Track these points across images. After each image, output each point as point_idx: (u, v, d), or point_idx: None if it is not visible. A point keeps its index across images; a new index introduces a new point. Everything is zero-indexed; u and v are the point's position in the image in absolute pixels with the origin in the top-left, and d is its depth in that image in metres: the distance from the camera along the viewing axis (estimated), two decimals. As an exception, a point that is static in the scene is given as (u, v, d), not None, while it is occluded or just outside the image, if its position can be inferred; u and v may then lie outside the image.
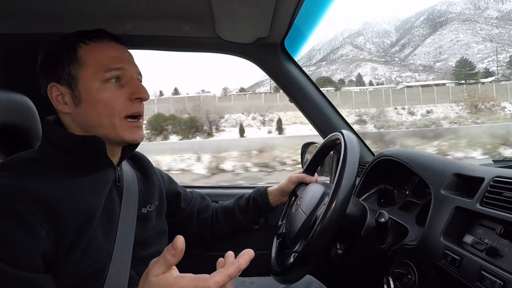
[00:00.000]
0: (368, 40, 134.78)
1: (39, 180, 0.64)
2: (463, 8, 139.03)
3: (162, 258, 0.52)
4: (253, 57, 1.32)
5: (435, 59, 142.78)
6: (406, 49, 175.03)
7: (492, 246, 0.65)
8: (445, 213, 0.77)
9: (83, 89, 0.71)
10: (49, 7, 0.99)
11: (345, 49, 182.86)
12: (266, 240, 1.14)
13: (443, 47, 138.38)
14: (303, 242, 0.81)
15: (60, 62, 0.72)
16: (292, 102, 1.38)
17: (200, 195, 1.16)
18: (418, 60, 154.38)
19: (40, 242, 0.60)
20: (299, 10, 1.00)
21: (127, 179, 0.84)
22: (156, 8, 1.04)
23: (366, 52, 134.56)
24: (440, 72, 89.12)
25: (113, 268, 0.70)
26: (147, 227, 0.84)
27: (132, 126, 0.75)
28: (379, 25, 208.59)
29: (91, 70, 0.71)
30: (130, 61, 0.78)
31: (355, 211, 0.86)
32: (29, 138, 0.95)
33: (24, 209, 0.59)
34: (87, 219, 0.67)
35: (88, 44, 0.73)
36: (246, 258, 0.54)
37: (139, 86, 0.75)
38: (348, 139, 0.82)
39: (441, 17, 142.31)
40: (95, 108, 0.72)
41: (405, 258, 0.83)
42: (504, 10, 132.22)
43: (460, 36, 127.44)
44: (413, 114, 29.14)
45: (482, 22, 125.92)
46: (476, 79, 77.79)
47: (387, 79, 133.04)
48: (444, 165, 0.89)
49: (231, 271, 0.51)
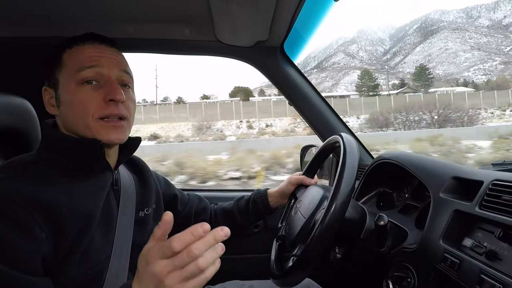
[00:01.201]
0: (361, 48, 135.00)
1: (38, 183, 0.64)
2: (455, 17, 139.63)
3: (152, 232, 0.53)
4: (252, 60, 1.32)
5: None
6: (397, 57, 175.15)
7: (492, 250, 0.65)
8: (444, 216, 0.77)
9: (62, 91, 0.73)
10: (49, 10, 1.00)
11: (337, 57, 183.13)
12: (265, 243, 1.14)
13: (432, 55, 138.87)
14: (302, 246, 0.81)
15: (50, 67, 0.75)
16: (292, 105, 1.38)
17: (198, 197, 1.16)
18: (407, 68, 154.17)
19: (40, 245, 0.60)
20: (299, 14, 1.00)
21: (125, 183, 0.84)
22: (156, 12, 1.05)
23: (357, 60, 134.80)
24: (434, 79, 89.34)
25: (111, 271, 0.70)
26: (145, 230, 0.84)
27: (106, 126, 0.73)
28: (374, 33, 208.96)
29: (68, 71, 0.72)
30: (109, 60, 0.75)
31: (354, 214, 0.86)
32: (29, 141, 0.95)
33: (24, 212, 0.59)
34: (86, 222, 0.67)
35: (72, 47, 0.74)
36: (217, 228, 0.52)
37: (114, 87, 0.73)
38: (347, 142, 0.82)
39: (433, 26, 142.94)
40: (71, 109, 0.72)
41: (404, 262, 0.83)
42: (495, 19, 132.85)
43: (449, 44, 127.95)
44: (251, 127, 29.69)
45: (472, 30, 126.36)
46: (376, 91, 77.07)
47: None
48: (443, 168, 0.89)
49: (192, 228, 0.49)
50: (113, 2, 0.98)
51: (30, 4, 0.95)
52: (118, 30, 1.13)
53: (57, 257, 0.62)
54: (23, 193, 0.61)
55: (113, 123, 0.73)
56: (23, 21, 1.05)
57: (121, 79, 0.76)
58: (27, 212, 0.59)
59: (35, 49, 0.82)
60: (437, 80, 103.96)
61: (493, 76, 76.12)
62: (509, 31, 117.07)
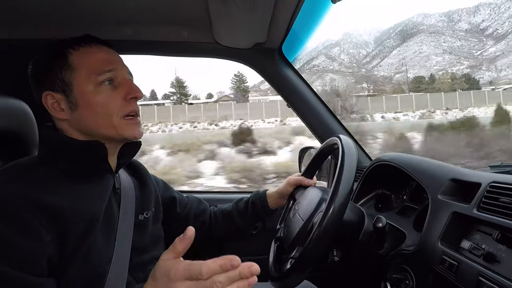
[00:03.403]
0: (343, 51, 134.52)
1: (41, 186, 0.65)
2: (437, 20, 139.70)
3: (172, 244, 0.54)
4: (250, 62, 1.32)
5: (396, 71, 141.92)
6: (375, 60, 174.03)
7: (489, 252, 0.66)
8: (442, 218, 0.78)
9: (78, 94, 0.72)
10: (47, 12, 1.00)
11: (318, 60, 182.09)
12: (264, 245, 1.14)
13: (406, 59, 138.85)
14: (300, 248, 0.81)
15: (52, 70, 0.73)
16: (290, 107, 1.38)
17: (197, 199, 1.16)
18: (382, 71, 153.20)
19: (46, 246, 0.61)
20: (297, 16, 1.00)
21: (125, 186, 0.84)
22: (154, 14, 1.05)
23: (337, 63, 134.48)
24: (397, 83, 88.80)
25: (112, 274, 0.70)
26: (144, 233, 0.85)
27: (130, 123, 0.76)
28: (360, 36, 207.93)
29: (84, 74, 0.72)
30: (120, 62, 0.79)
31: (352, 216, 0.86)
32: (26, 143, 0.94)
33: (29, 215, 0.60)
34: (89, 225, 0.67)
35: (77, 49, 0.74)
36: (245, 265, 0.53)
37: (133, 85, 0.77)
38: (345, 144, 0.82)
39: (413, 29, 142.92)
40: (92, 111, 0.73)
41: (402, 264, 0.83)
42: (474, 23, 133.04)
43: (424, 47, 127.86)
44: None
45: (448, 34, 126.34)
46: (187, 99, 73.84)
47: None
48: (441, 170, 0.89)
49: (223, 262, 0.51)
50: (110, 4, 0.98)
51: (27, 6, 0.95)
52: (116, 32, 1.13)
53: (61, 260, 0.63)
54: (27, 196, 0.61)
55: (135, 120, 0.78)
56: (20, 23, 1.05)
57: (129, 77, 0.80)
58: (32, 214, 0.60)
59: (32, 51, 0.82)
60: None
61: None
62: (484, 35, 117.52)
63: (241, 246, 1.29)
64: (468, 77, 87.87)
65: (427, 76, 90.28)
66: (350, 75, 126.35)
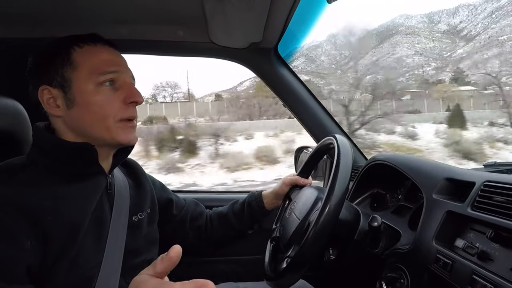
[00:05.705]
0: (325, 52, 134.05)
1: (26, 188, 0.63)
2: (418, 22, 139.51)
3: (154, 262, 0.51)
4: (246, 62, 1.32)
5: (368, 72, 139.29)
6: (351, 62, 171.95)
7: (483, 250, 0.66)
8: (436, 217, 0.78)
9: (76, 91, 0.71)
10: (42, 11, 0.99)
11: (298, 61, 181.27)
12: (259, 244, 1.14)
13: (379, 60, 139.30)
14: (296, 247, 0.81)
15: (53, 65, 0.71)
16: (286, 107, 1.38)
17: (194, 202, 1.14)
18: (356, 73, 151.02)
19: (25, 254, 0.59)
20: (293, 15, 1.00)
21: (119, 187, 0.82)
22: (150, 13, 1.04)
23: (314, 65, 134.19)
24: (368, 86, 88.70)
25: (102, 277, 0.69)
26: (138, 235, 0.83)
27: (126, 127, 0.74)
28: (345, 37, 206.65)
29: (85, 73, 0.71)
30: (124, 65, 0.78)
31: (348, 216, 0.87)
32: (20, 143, 0.93)
33: (9, 219, 0.58)
34: (74, 228, 0.66)
35: (82, 47, 0.73)
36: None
37: (134, 90, 0.76)
38: (341, 143, 0.82)
39: (392, 30, 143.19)
40: (89, 110, 0.71)
41: (398, 262, 0.84)
42: (452, 24, 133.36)
43: (397, 49, 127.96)
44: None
45: (423, 35, 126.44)
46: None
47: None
48: (436, 170, 0.90)
49: (192, 286, 0.48)
50: (105, 4, 0.97)
51: (22, 5, 0.94)
52: (111, 31, 1.12)
53: (45, 264, 0.62)
54: (10, 200, 0.60)
55: (131, 123, 0.76)
56: (15, 21, 1.04)
57: (131, 81, 0.78)
58: (12, 219, 0.58)
59: (26, 50, 0.81)
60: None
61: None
62: (458, 37, 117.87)
63: (236, 246, 1.29)
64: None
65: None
66: (324, 76, 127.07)
